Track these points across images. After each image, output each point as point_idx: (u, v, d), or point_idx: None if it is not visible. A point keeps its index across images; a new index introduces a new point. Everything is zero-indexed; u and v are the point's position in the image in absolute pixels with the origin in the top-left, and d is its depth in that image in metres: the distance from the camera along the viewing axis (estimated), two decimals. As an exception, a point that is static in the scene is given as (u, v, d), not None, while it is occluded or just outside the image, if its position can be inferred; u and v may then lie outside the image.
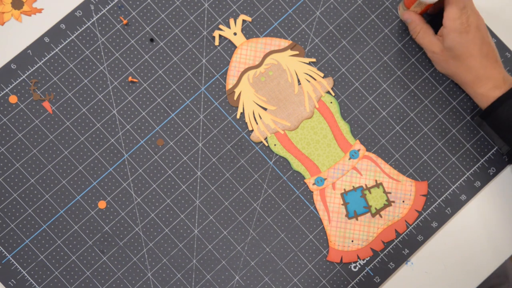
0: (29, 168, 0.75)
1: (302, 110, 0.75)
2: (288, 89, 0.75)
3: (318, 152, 0.74)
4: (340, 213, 0.74)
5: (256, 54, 0.76)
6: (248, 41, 0.76)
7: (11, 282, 0.73)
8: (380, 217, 0.74)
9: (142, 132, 0.76)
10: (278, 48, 0.76)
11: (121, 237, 0.75)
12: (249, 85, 0.75)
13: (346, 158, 0.74)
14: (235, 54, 0.76)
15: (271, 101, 0.75)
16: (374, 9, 0.79)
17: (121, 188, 0.75)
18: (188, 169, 0.76)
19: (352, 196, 0.74)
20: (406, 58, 0.79)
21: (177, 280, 0.75)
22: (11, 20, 0.77)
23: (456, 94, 0.79)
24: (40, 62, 0.76)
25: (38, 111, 0.76)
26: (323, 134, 0.75)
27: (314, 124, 0.75)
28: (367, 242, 0.74)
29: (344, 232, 0.74)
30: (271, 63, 0.75)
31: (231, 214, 0.76)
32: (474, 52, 0.70)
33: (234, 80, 0.75)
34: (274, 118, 0.75)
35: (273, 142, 0.75)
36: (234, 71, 0.76)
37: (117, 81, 0.77)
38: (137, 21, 0.77)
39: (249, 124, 0.75)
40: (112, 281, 0.74)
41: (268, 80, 0.75)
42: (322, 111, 0.75)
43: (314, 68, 0.76)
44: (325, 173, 0.74)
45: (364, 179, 0.74)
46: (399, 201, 0.74)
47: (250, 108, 0.75)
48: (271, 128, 0.75)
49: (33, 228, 0.74)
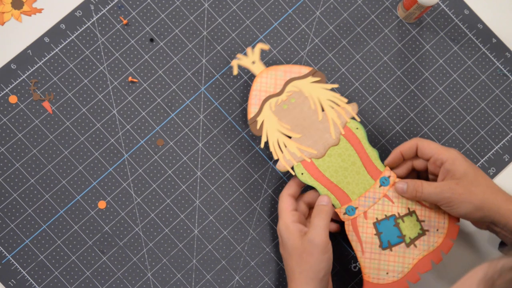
0: (29, 168, 0.75)
1: (328, 137, 0.71)
2: (312, 116, 0.72)
3: (348, 180, 0.71)
4: (374, 243, 0.70)
5: (276, 82, 0.73)
6: (267, 69, 0.73)
7: (11, 282, 0.73)
8: (415, 247, 0.70)
9: (142, 132, 0.76)
10: (299, 75, 0.73)
11: (121, 237, 0.75)
12: (272, 113, 0.72)
13: (376, 185, 0.70)
14: (255, 82, 0.73)
15: (295, 129, 0.72)
16: (374, 9, 0.79)
17: (121, 188, 0.75)
18: (188, 169, 0.76)
19: (385, 225, 0.70)
20: (406, 58, 0.79)
21: (177, 280, 0.75)
22: (11, 20, 0.77)
23: (456, 94, 0.79)
24: (40, 62, 0.76)
25: (38, 111, 0.76)
26: (351, 161, 0.71)
27: (341, 151, 0.71)
28: (403, 274, 0.70)
29: (378, 264, 0.70)
30: (293, 91, 0.72)
31: (231, 214, 0.76)
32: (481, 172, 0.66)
33: (256, 109, 0.72)
34: (299, 146, 0.71)
35: (300, 171, 0.71)
36: (255, 99, 0.72)
37: (117, 81, 0.77)
38: (137, 21, 0.77)
39: (274, 153, 0.71)
40: (112, 281, 0.74)
41: (291, 107, 0.72)
42: (349, 138, 0.71)
43: (337, 94, 0.72)
44: (356, 201, 0.70)
45: (396, 207, 0.70)
46: (433, 229, 0.70)
47: (274, 136, 0.71)
48: (297, 157, 0.71)
49: (33, 228, 0.74)
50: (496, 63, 0.79)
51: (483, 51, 0.79)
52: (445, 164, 0.66)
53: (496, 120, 0.79)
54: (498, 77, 0.79)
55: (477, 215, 0.65)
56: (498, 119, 0.79)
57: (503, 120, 0.79)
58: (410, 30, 0.79)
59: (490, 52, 0.79)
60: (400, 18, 0.79)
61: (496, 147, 0.78)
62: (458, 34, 0.79)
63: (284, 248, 0.67)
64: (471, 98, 0.79)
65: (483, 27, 0.79)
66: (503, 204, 0.64)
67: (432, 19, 0.79)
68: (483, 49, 0.79)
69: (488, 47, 0.79)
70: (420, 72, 0.79)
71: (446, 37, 0.79)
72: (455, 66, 0.79)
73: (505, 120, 0.79)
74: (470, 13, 0.79)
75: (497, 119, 0.79)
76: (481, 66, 0.79)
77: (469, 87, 0.79)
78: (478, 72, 0.79)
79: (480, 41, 0.79)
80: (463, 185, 0.65)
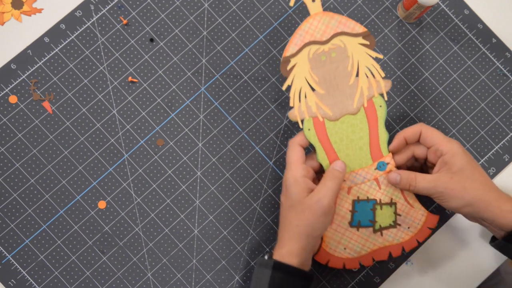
0: (29, 168, 0.75)
1: (349, 103, 0.69)
2: (344, 77, 0.69)
3: (348, 152, 0.70)
4: (345, 218, 0.71)
5: (326, 30, 0.69)
6: (323, 13, 0.70)
7: (11, 282, 0.73)
8: (381, 235, 0.71)
9: (142, 132, 0.76)
10: (351, 31, 0.70)
11: (121, 237, 0.75)
12: (307, 59, 0.69)
13: (372, 167, 0.70)
14: (305, 22, 0.70)
15: (322, 84, 0.69)
16: (374, 9, 0.79)
17: (121, 188, 0.75)
18: (188, 169, 0.76)
19: (363, 206, 0.71)
20: (406, 58, 0.79)
21: (177, 280, 0.75)
22: (11, 20, 0.77)
23: (456, 94, 0.79)
24: (40, 62, 0.76)
25: (38, 111, 0.76)
26: (360, 135, 0.70)
27: (355, 122, 0.70)
28: (358, 255, 0.71)
29: (340, 238, 0.71)
30: (338, 45, 0.69)
31: (231, 214, 0.76)
32: (480, 168, 0.67)
33: (294, 49, 0.69)
34: (318, 102, 0.69)
35: (308, 126, 0.69)
36: (298, 39, 0.69)
37: (117, 81, 0.77)
38: (137, 21, 0.77)
39: (291, 99, 0.69)
40: (112, 281, 0.74)
41: (328, 61, 0.69)
42: (368, 112, 0.70)
43: (377, 65, 0.70)
44: (346, 175, 0.70)
45: (381, 193, 0.71)
46: (405, 226, 0.71)
47: (299, 83, 0.69)
48: (311, 111, 0.69)
49: (33, 228, 0.74)
50: (496, 63, 0.79)
51: (483, 51, 0.79)
52: (444, 156, 0.66)
53: (496, 120, 0.79)
54: (498, 77, 0.79)
55: (467, 210, 0.66)
56: (498, 119, 0.79)
57: (503, 120, 0.79)
58: (410, 30, 0.79)
59: (490, 52, 0.79)
60: (400, 18, 0.79)
61: (496, 147, 0.78)
62: (458, 34, 0.79)
63: (287, 199, 0.67)
64: (471, 98, 0.79)
65: (483, 27, 0.79)
66: (493, 201, 0.65)
67: (432, 19, 0.79)
68: (483, 49, 0.79)
69: (488, 47, 0.79)
70: (420, 72, 0.79)
71: (446, 37, 0.79)
72: (455, 66, 0.79)
73: (505, 120, 0.79)
74: (470, 13, 0.79)
75: (497, 119, 0.79)
76: (481, 66, 0.79)
77: (469, 87, 0.79)
78: (478, 72, 0.79)
79: (480, 41, 0.79)
80: (457, 180, 0.65)
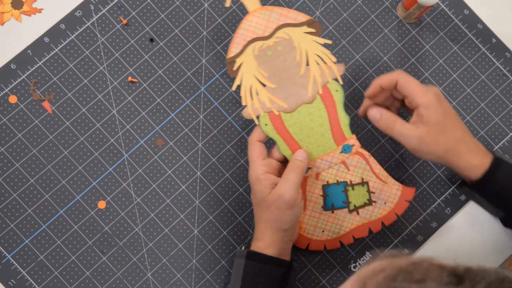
0: (29, 168, 0.75)
1: (303, 93, 0.69)
2: (294, 68, 0.69)
3: (310, 140, 0.70)
4: (317, 203, 0.71)
5: (268, 24, 0.69)
6: (263, 8, 0.69)
7: (11, 282, 0.73)
8: (357, 214, 0.71)
9: (142, 132, 0.76)
10: (294, 21, 0.69)
11: (121, 237, 0.75)
12: (253, 57, 0.69)
13: (337, 151, 0.70)
14: (245, 20, 0.69)
15: (272, 78, 0.69)
16: (374, 9, 0.79)
17: (121, 188, 0.75)
18: (188, 169, 0.76)
19: (334, 189, 0.71)
20: (406, 58, 0.79)
21: (177, 280, 0.75)
22: (11, 20, 0.77)
23: (456, 94, 0.79)
24: (40, 62, 0.76)
25: (38, 111, 0.76)
26: (319, 122, 0.70)
27: (312, 110, 0.70)
28: (338, 235, 0.72)
29: (316, 222, 0.72)
30: (282, 37, 0.69)
31: (231, 214, 0.76)
32: (455, 119, 0.67)
33: (237, 49, 0.69)
34: (271, 96, 0.69)
35: (264, 122, 0.69)
36: (240, 39, 0.69)
37: (117, 81, 0.76)
38: (137, 21, 0.77)
39: (243, 98, 0.69)
40: (112, 281, 0.74)
41: (275, 55, 0.69)
42: (325, 99, 0.69)
43: (327, 51, 0.69)
44: (312, 162, 0.70)
45: (350, 175, 0.71)
46: (381, 202, 0.71)
47: (248, 82, 0.69)
48: (266, 107, 0.69)
49: (33, 228, 0.74)
50: (496, 63, 0.79)
51: (483, 51, 0.79)
52: (419, 108, 0.66)
53: (496, 120, 0.78)
54: (498, 77, 0.79)
55: (436, 161, 0.70)
56: (498, 119, 0.79)
57: (503, 120, 0.79)
58: (410, 30, 0.79)
59: (490, 52, 0.79)
60: (400, 18, 0.79)
61: (496, 147, 0.78)
62: (458, 34, 0.79)
63: (253, 196, 0.68)
64: (471, 98, 0.79)
65: (483, 27, 0.79)
66: (463, 154, 0.66)
67: (432, 19, 0.79)
68: (483, 49, 0.79)
69: (488, 47, 0.79)
70: (420, 72, 0.79)
71: (446, 37, 0.79)
72: (455, 66, 0.79)
73: (505, 120, 0.79)
74: (470, 13, 0.79)
75: (497, 119, 0.79)
76: (481, 66, 0.79)
77: (469, 87, 0.79)
78: (478, 72, 0.79)
79: (480, 41, 0.79)
80: (432, 135, 0.65)
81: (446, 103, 0.67)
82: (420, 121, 0.66)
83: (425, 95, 0.65)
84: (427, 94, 0.66)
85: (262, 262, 0.66)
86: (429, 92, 0.66)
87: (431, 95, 0.66)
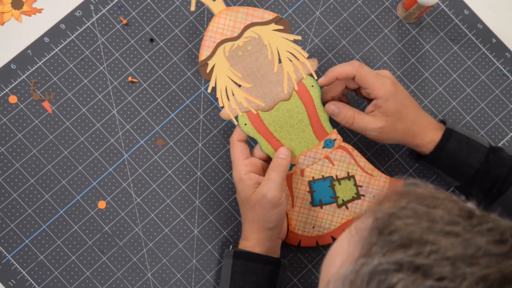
0: (29, 168, 0.75)
1: (279, 91, 0.69)
2: (267, 66, 0.69)
3: (291, 137, 0.70)
4: (305, 199, 0.71)
5: (235, 25, 0.69)
6: (227, 9, 0.69)
7: (11, 282, 0.73)
8: (347, 209, 0.71)
9: (142, 132, 0.76)
10: (261, 20, 0.69)
11: (121, 237, 0.75)
12: (225, 58, 0.69)
13: (319, 146, 0.71)
14: (212, 22, 0.69)
15: (247, 78, 0.69)
16: (374, 9, 0.79)
17: (121, 188, 0.75)
18: (188, 169, 0.76)
19: (320, 185, 0.71)
20: (406, 58, 0.79)
21: (177, 280, 0.75)
22: (11, 20, 0.77)
23: (456, 94, 0.79)
24: (40, 62, 0.76)
25: (38, 111, 0.76)
26: (299, 119, 0.70)
27: (290, 107, 0.70)
28: (329, 230, 0.72)
29: (306, 218, 0.72)
30: (251, 36, 0.69)
31: (230, 214, 0.76)
32: (409, 101, 0.69)
33: (208, 51, 0.69)
34: (247, 96, 0.69)
35: (243, 121, 0.69)
36: (209, 41, 0.69)
37: (117, 81, 0.76)
38: (137, 21, 0.77)
39: (220, 100, 0.69)
40: (112, 281, 0.74)
41: (246, 54, 0.69)
42: (301, 95, 0.70)
43: (298, 47, 0.70)
44: (295, 159, 0.70)
45: (335, 169, 0.71)
46: (369, 195, 0.71)
47: (223, 83, 0.69)
48: (243, 107, 0.69)
49: (33, 228, 0.74)
50: (496, 63, 0.79)
51: (483, 51, 0.79)
52: (378, 100, 0.67)
53: (496, 120, 0.78)
54: (498, 77, 0.79)
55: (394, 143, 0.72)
56: (498, 119, 0.79)
57: (503, 120, 0.79)
58: (410, 30, 0.79)
59: (490, 52, 0.79)
60: (400, 18, 0.79)
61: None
62: (458, 34, 0.79)
63: (238, 196, 0.69)
64: (471, 98, 0.79)
65: (483, 27, 0.79)
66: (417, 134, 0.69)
67: (432, 19, 0.79)
68: (483, 49, 0.79)
69: (488, 47, 0.79)
70: (420, 72, 0.79)
71: (446, 37, 0.79)
72: (455, 66, 0.79)
73: (505, 120, 0.79)
74: (470, 13, 0.79)
75: (497, 119, 0.79)
76: (481, 66, 0.79)
77: (469, 87, 0.79)
78: (478, 72, 0.79)
79: (480, 41, 0.79)
80: (390, 123, 0.67)
81: (400, 88, 0.69)
82: (378, 110, 0.67)
83: (383, 87, 0.67)
84: (384, 85, 0.67)
85: (249, 261, 0.66)
86: (386, 83, 0.67)
87: (388, 85, 0.67)
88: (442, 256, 0.37)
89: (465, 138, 0.69)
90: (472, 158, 0.69)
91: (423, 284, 0.36)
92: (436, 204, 0.41)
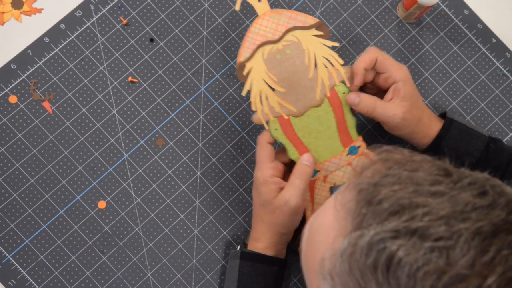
0: (29, 168, 0.75)
1: (311, 96, 0.69)
2: (303, 72, 0.69)
3: (318, 143, 0.70)
4: None
5: (277, 28, 0.68)
6: (272, 11, 0.69)
7: (11, 282, 0.73)
8: None
9: (142, 132, 0.76)
10: (303, 24, 0.68)
11: (121, 237, 0.75)
12: (263, 61, 0.68)
13: (344, 153, 0.70)
14: (255, 23, 0.68)
15: (282, 82, 0.68)
16: (374, 9, 0.79)
17: (121, 188, 0.75)
18: (188, 169, 0.76)
19: None
20: (406, 58, 0.79)
21: (177, 280, 0.75)
22: (11, 20, 0.77)
23: (456, 94, 0.79)
24: (40, 62, 0.76)
25: (38, 111, 0.76)
26: (327, 125, 0.69)
27: (320, 113, 0.69)
28: None
29: None
30: (292, 40, 0.69)
31: (230, 214, 0.76)
32: (417, 91, 0.69)
33: (248, 53, 0.68)
34: (281, 101, 0.69)
35: (274, 127, 0.69)
36: (250, 43, 0.68)
37: (117, 81, 0.77)
38: (137, 21, 0.77)
39: (253, 104, 0.68)
40: (112, 281, 0.74)
41: (284, 58, 0.68)
42: (332, 101, 0.69)
43: (335, 53, 0.69)
44: (319, 165, 0.70)
45: None
46: None
47: (258, 87, 0.68)
48: (275, 111, 0.69)
49: (33, 228, 0.74)
50: (496, 63, 0.79)
51: (483, 51, 0.79)
52: (397, 84, 0.67)
53: (496, 120, 0.79)
54: (498, 77, 0.79)
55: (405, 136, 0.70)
56: (498, 119, 0.79)
57: (503, 120, 0.79)
58: (410, 30, 0.79)
59: (490, 52, 0.79)
60: (400, 18, 0.79)
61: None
62: (458, 34, 0.79)
63: (258, 197, 0.68)
64: (471, 98, 0.79)
65: (483, 27, 0.79)
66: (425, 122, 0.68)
67: (432, 19, 0.79)
68: (483, 49, 0.79)
69: (488, 47, 0.79)
70: (420, 72, 0.79)
71: (446, 37, 0.79)
72: (455, 66, 0.79)
73: (505, 120, 0.79)
74: (470, 13, 0.79)
75: (497, 119, 0.79)
76: (481, 66, 0.79)
77: (469, 87, 0.79)
78: (478, 72, 0.79)
79: (480, 41, 0.79)
80: (410, 109, 0.67)
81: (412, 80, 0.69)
82: (397, 96, 0.67)
83: (402, 69, 0.67)
84: (402, 69, 0.68)
85: (257, 261, 0.66)
86: (403, 68, 0.68)
87: (405, 69, 0.68)
88: (435, 217, 0.37)
89: (465, 127, 0.69)
90: (473, 146, 0.69)
91: (423, 246, 0.36)
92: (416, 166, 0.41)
